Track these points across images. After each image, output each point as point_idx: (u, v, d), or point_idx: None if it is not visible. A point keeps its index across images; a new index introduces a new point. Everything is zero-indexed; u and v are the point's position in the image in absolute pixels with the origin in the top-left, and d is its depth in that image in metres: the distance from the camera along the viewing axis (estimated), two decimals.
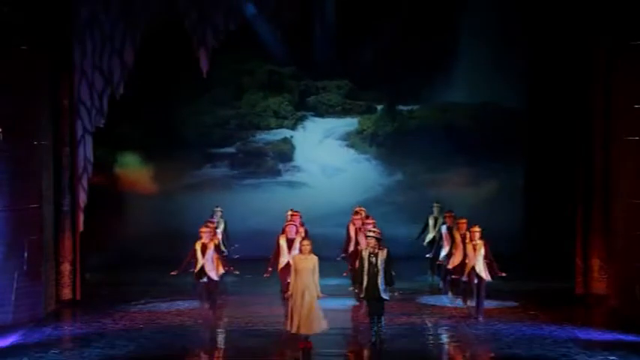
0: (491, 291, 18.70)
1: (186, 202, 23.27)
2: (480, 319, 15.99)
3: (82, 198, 18.19)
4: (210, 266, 15.80)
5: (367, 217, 18.08)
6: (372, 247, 14.12)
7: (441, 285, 18.95)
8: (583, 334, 15.03)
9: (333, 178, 24.61)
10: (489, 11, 22.52)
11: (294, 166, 24.95)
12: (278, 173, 24.91)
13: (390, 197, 24.20)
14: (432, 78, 24.05)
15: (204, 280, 15.80)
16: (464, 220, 17.38)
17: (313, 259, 14.07)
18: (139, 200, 23.38)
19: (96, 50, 18.29)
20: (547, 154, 22.29)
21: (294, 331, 14.11)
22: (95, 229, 18.96)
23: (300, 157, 24.99)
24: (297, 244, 15.84)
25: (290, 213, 17.46)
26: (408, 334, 15.35)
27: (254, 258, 18.06)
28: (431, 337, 15.25)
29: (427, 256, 19.70)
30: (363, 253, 14.23)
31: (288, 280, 14.75)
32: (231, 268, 16.84)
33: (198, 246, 15.81)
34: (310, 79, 25.02)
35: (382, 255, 14.07)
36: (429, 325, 16.07)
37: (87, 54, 18.17)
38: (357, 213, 18.12)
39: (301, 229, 16.75)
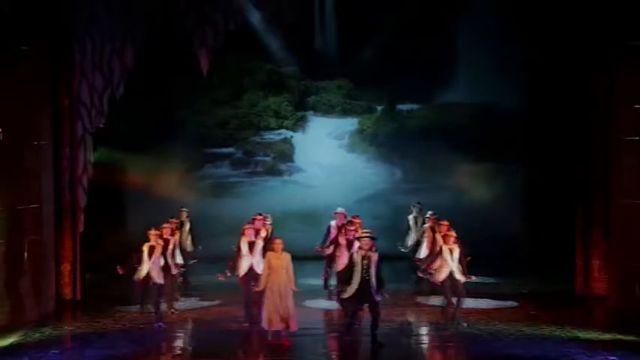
0: (492, 291, 18.79)
1: (187, 202, 23.24)
2: (464, 324, 15.49)
3: (82, 198, 18.20)
4: (157, 270, 15.59)
5: (350, 222, 17.20)
6: (366, 248, 14.03)
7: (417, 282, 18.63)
8: (583, 334, 15.02)
9: (333, 178, 24.59)
10: (489, 11, 22.52)
11: (294, 166, 24.95)
12: (278, 173, 24.90)
13: (390, 197, 24.18)
14: (432, 78, 24.06)
15: (151, 283, 15.59)
16: (445, 222, 16.74)
17: (287, 257, 14.24)
18: (139, 200, 23.35)
19: (96, 50, 18.27)
20: (547, 155, 22.28)
21: (268, 327, 14.16)
22: (95, 229, 18.95)
23: (300, 157, 24.99)
24: (258, 247, 15.72)
25: (256, 217, 16.90)
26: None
27: None
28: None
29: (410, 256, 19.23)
30: (355, 256, 14.11)
31: (253, 287, 14.84)
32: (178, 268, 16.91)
33: (145, 248, 15.62)
34: (310, 79, 25.03)
35: (374, 258, 14.04)
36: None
37: (87, 54, 18.15)
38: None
39: (263, 230, 16.38)
